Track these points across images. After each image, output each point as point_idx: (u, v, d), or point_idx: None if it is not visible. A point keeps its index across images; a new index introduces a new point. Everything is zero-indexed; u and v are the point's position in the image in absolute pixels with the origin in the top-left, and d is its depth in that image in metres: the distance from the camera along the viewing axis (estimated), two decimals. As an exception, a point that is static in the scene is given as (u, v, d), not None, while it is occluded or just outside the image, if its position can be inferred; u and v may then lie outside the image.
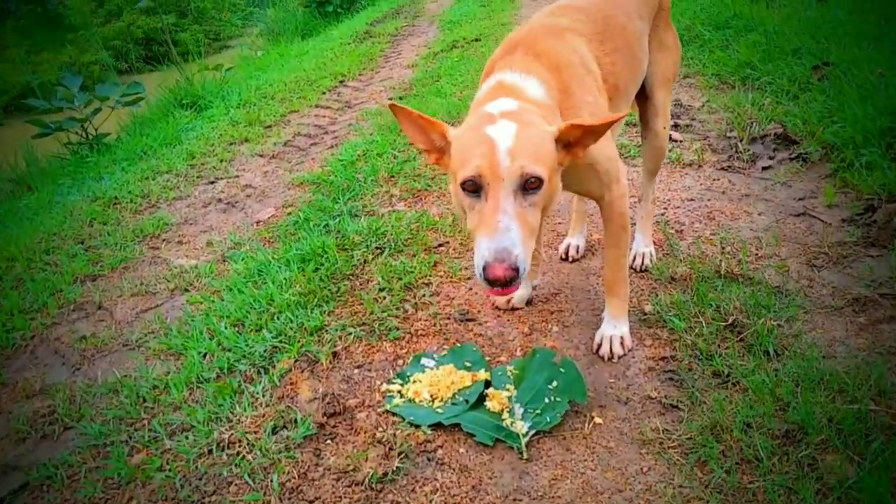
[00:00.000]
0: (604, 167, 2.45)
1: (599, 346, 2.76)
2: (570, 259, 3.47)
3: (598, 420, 2.42)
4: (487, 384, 2.61)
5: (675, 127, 4.80)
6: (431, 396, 2.57)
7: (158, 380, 2.91)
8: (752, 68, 5.44)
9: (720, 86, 5.55)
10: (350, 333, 3.04)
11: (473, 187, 2.04)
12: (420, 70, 7.98)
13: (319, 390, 2.72)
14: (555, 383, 2.52)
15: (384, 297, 3.28)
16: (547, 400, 2.47)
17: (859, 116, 3.93)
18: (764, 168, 4.07)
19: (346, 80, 8.27)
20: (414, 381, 2.66)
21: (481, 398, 2.53)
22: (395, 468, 2.29)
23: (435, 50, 8.85)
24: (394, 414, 2.55)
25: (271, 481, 2.30)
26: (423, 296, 3.27)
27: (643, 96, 3.04)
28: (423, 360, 2.79)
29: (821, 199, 3.62)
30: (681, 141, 4.61)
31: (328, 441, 2.47)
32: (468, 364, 2.72)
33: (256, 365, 2.90)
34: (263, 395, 2.72)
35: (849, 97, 4.22)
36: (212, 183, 5.33)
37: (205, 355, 3.04)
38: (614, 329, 2.76)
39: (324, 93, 7.74)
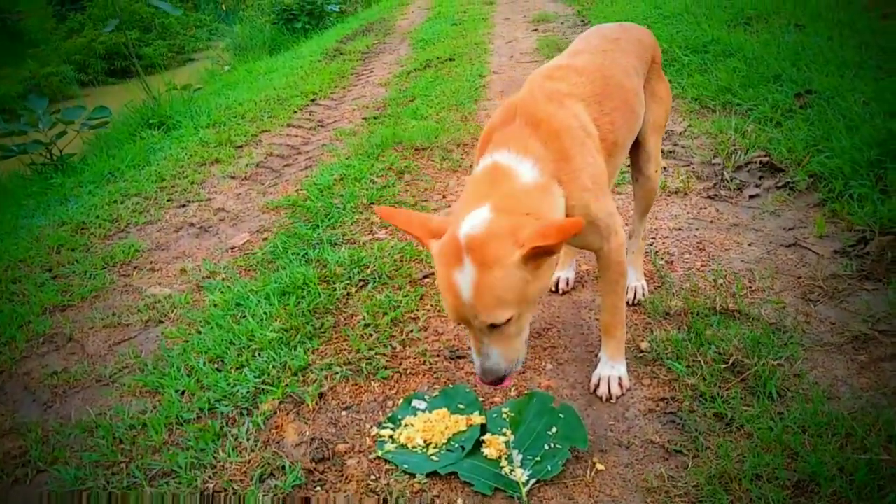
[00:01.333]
0: (605, 223, 2.44)
1: (597, 386, 2.69)
2: (561, 291, 3.40)
3: (599, 466, 2.34)
4: (483, 428, 2.51)
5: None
6: (425, 442, 2.47)
7: (135, 419, 2.78)
8: (733, 94, 5.42)
9: (701, 110, 5.52)
10: (336, 373, 2.92)
11: None
12: (393, 89, 7.88)
13: (306, 434, 2.61)
14: (554, 429, 2.43)
15: (370, 334, 3.17)
16: (547, 447, 2.37)
17: (846, 147, 3.91)
18: (751, 196, 4.03)
19: (317, 98, 8.13)
20: (406, 426, 2.56)
21: (478, 444, 2.44)
22: (391, 521, 2.19)
23: (408, 69, 8.75)
24: (386, 461, 2.44)
25: (260, 536, 2.18)
26: (411, 331, 3.16)
27: (635, 143, 3.02)
28: (415, 402, 2.68)
29: (811, 228, 3.58)
30: (665, 167, 4.55)
31: (318, 489, 2.36)
32: (462, 406, 2.62)
33: (239, 406, 2.77)
34: (248, 439, 2.59)
35: (835, 127, 4.19)
36: (183, 206, 5.17)
37: (183, 393, 2.91)
38: (612, 370, 2.69)
39: (295, 111, 7.59)
